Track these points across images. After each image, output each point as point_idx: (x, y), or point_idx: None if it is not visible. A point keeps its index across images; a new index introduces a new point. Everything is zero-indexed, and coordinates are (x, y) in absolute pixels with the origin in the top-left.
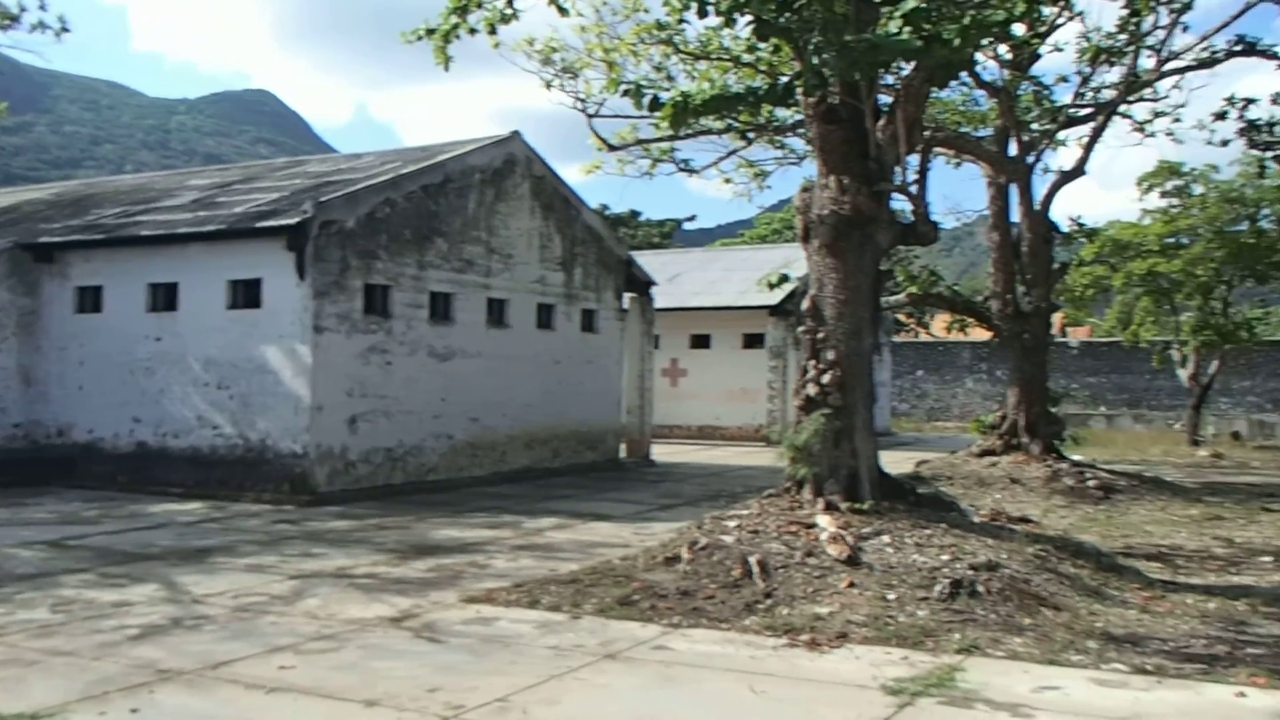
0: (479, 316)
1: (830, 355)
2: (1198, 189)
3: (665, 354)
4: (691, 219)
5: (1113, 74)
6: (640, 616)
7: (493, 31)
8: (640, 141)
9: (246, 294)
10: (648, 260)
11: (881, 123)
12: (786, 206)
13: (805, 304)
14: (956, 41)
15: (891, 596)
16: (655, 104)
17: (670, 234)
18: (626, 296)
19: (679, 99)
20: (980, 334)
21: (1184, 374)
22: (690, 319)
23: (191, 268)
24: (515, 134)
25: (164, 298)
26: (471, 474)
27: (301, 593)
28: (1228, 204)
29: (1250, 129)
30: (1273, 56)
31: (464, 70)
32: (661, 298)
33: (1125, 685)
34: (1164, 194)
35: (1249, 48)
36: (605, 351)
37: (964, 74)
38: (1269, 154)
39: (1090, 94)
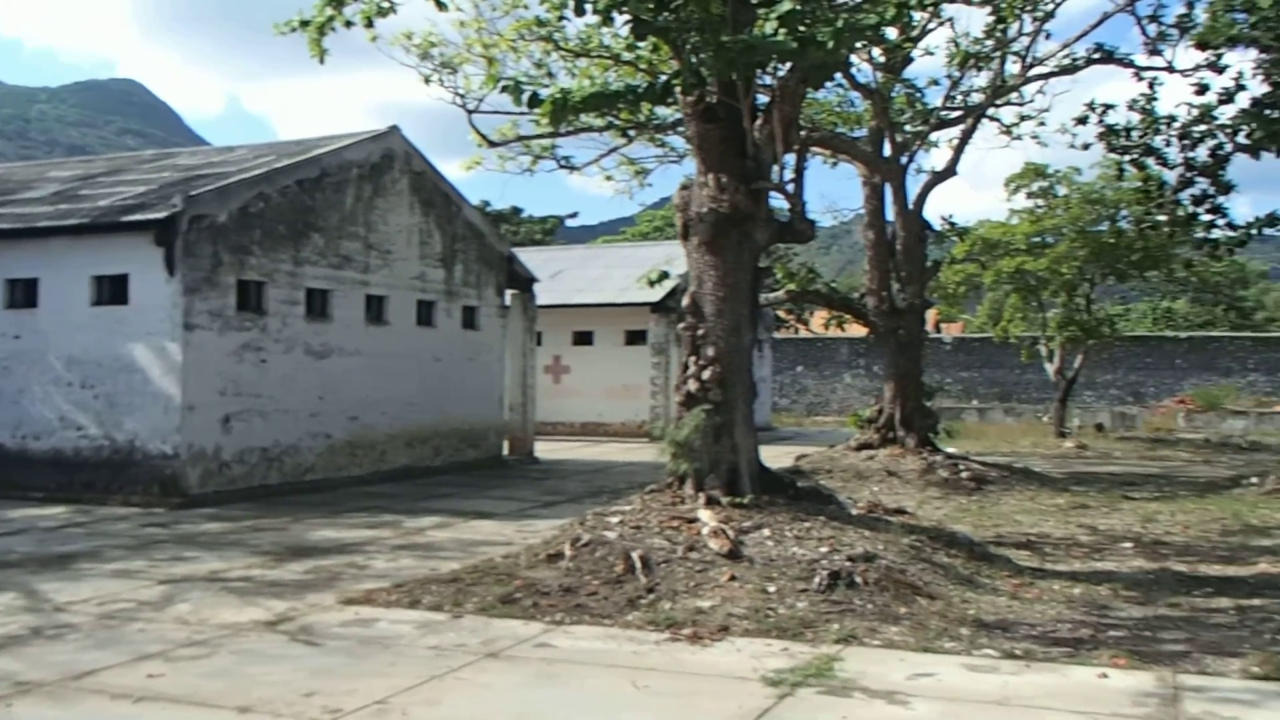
0: (357, 313)
1: (710, 351)
2: (1062, 190)
3: (548, 351)
4: (574, 216)
5: (981, 78)
6: (523, 614)
7: (370, 25)
8: (521, 138)
9: (112, 290)
10: (530, 257)
11: (759, 122)
12: (668, 204)
13: (685, 301)
14: (830, 44)
15: (772, 589)
16: (534, 101)
17: (553, 231)
18: (508, 293)
19: (558, 96)
20: (858, 330)
21: (1051, 368)
22: (573, 316)
23: (53, 263)
24: (394, 129)
25: (23, 294)
26: (350, 473)
27: (172, 598)
28: (1089, 205)
29: (1109, 133)
30: (1129, 64)
31: (341, 64)
32: (544, 294)
33: (996, 670)
34: (1030, 195)
35: (1107, 56)
36: (487, 348)
37: (839, 76)
38: (1126, 158)
39: (960, 97)
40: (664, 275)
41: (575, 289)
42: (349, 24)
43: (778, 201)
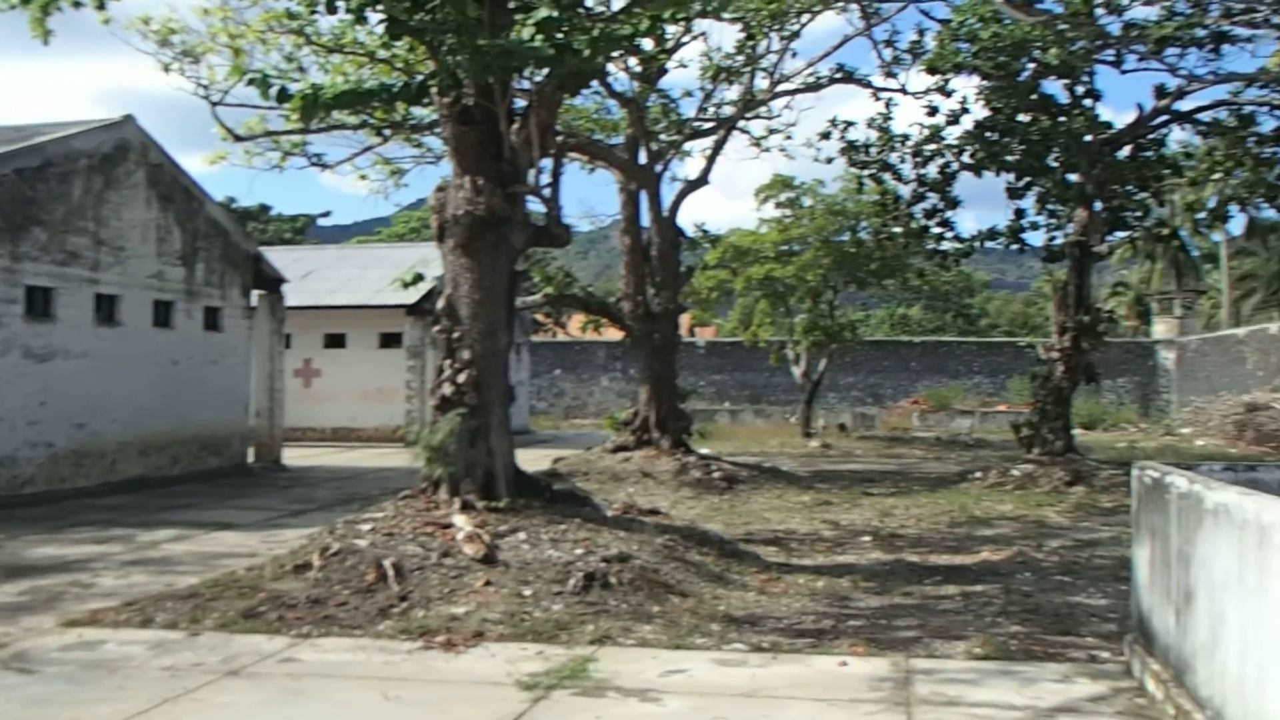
0: (85, 313)
1: (466, 355)
2: (807, 201)
3: (298, 354)
4: (326, 215)
5: (732, 92)
6: (267, 629)
7: (101, 6)
8: (269, 133)
9: None
10: (279, 256)
11: (516, 126)
12: (425, 205)
13: (440, 303)
14: (587, 52)
15: (527, 592)
16: (283, 95)
17: (304, 230)
18: (255, 294)
19: (308, 92)
20: (614, 334)
21: (797, 371)
22: (325, 318)
23: None
24: (129, 118)
25: None
26: (76, 485)
27: None
28: (833, 216)
29: (850, 149)
30: (867, 85)
31: (68, 46)
32: (294, 295)
33: (744, 663)
34: (778, 205)
35: (848, 76)
36: (231, 351)
37: (596, 83)
38: (865, 172)
39: (712, 109)
40: (419, 277)
41: (328, 290)
42: (77, 4)
43: (535, 205)
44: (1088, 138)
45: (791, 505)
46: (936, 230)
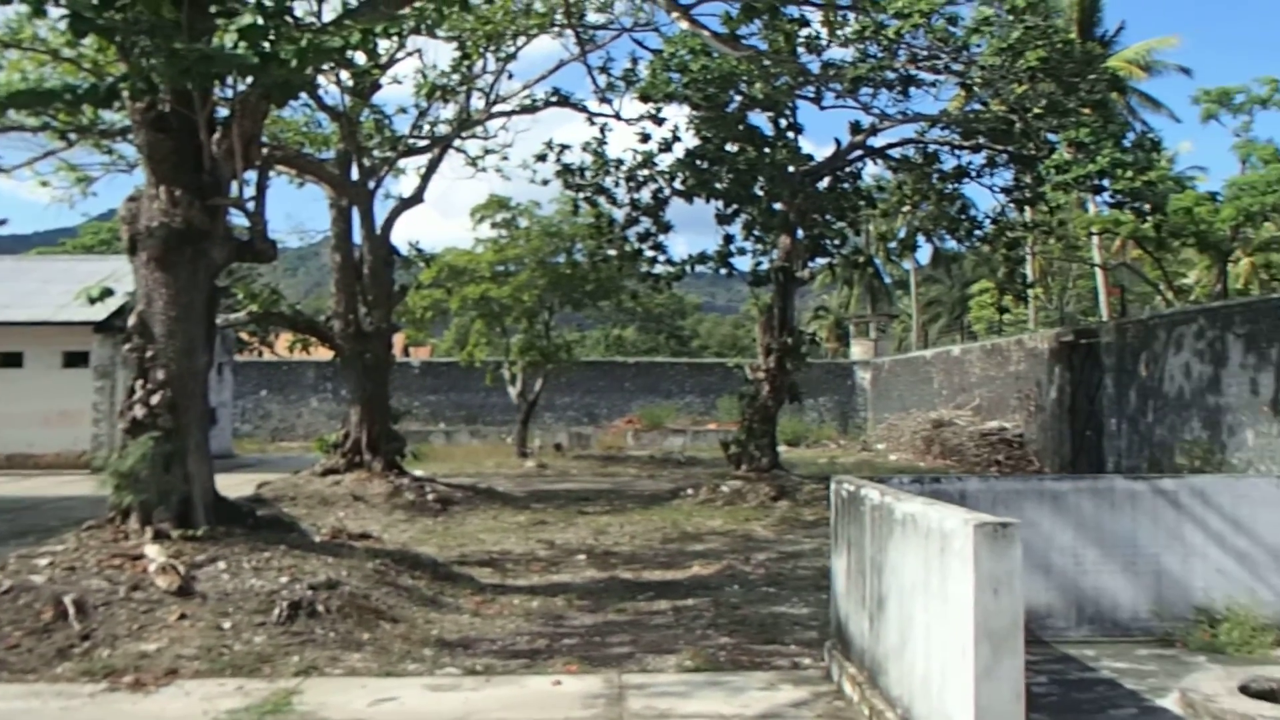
0: None
1: (160, 375)
2: (524, 222)
3: None
4: (3, 223)
5: (448, 111)
6: None
7: None
8: None
9: None
10: None
11: (217, 136)
12: (117, 215)
13: (132, 320)
14: (294, 62)
15: (227, 625)
16: None
17: None
18: None
19: None
20: (325, 353)
21: (514, 391)
22: None
23: None
24: None
25: None
26: None
27: None
28: (549, 237)
29: (566, 171)
30: (583, 109)
31: None
32: None
33: (458, 687)
34: (494, 225)
35: (563, 100)
36: None
37: (306, 95)
38: (581, 195)
39: (428, 127)
40: (107, 292)
41: (2, 305)
42: None
43: (238, 219)
44: (790, 169)
45: (507, 526)
46: (649, 253)
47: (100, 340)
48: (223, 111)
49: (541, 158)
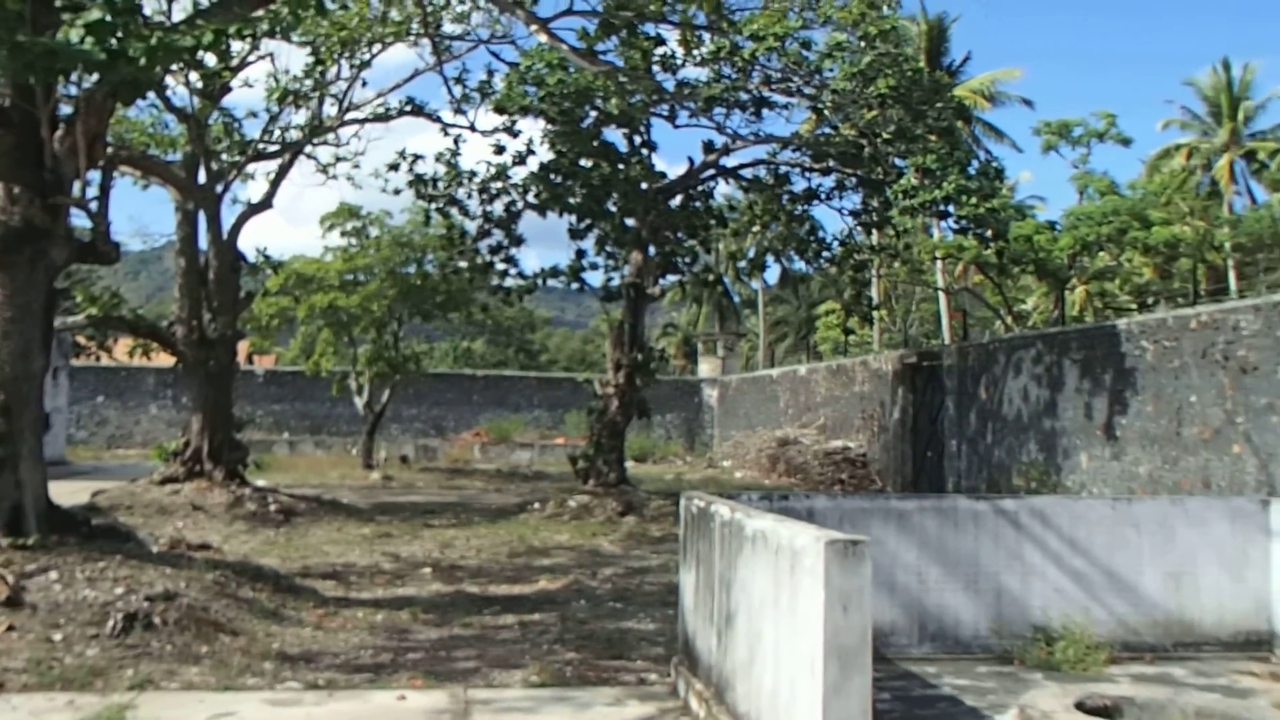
0: None
1: None
2: (374, 231)
3: None
4: None
5: (300, 116)
6: None
7: None
8: None
9: None
10: None
11: (60, 133)
12: None
13: None
14: (143, 60)
15: (58, 637)
16: None
17: None
18: None
19: None
20: (166, 360)
21: (360, 402)
22: None
23: None
24: None
25: None
26: None
27: None
28: (399, 247)
29: (418, 182)
30: (436, 119)
31: None
32: None
33: (299, 702)
34: (344, 234)
35: (417, 110)
36: None
37: (154, 95)
38: (433, 206)
39: (279, 132)
40: None
41: None
42: None
43: (80, 220)
44: (644, 185)
45: (351, 538)
46: (501, 266)
47: None
48: (66, 109)
49: (394, 167)
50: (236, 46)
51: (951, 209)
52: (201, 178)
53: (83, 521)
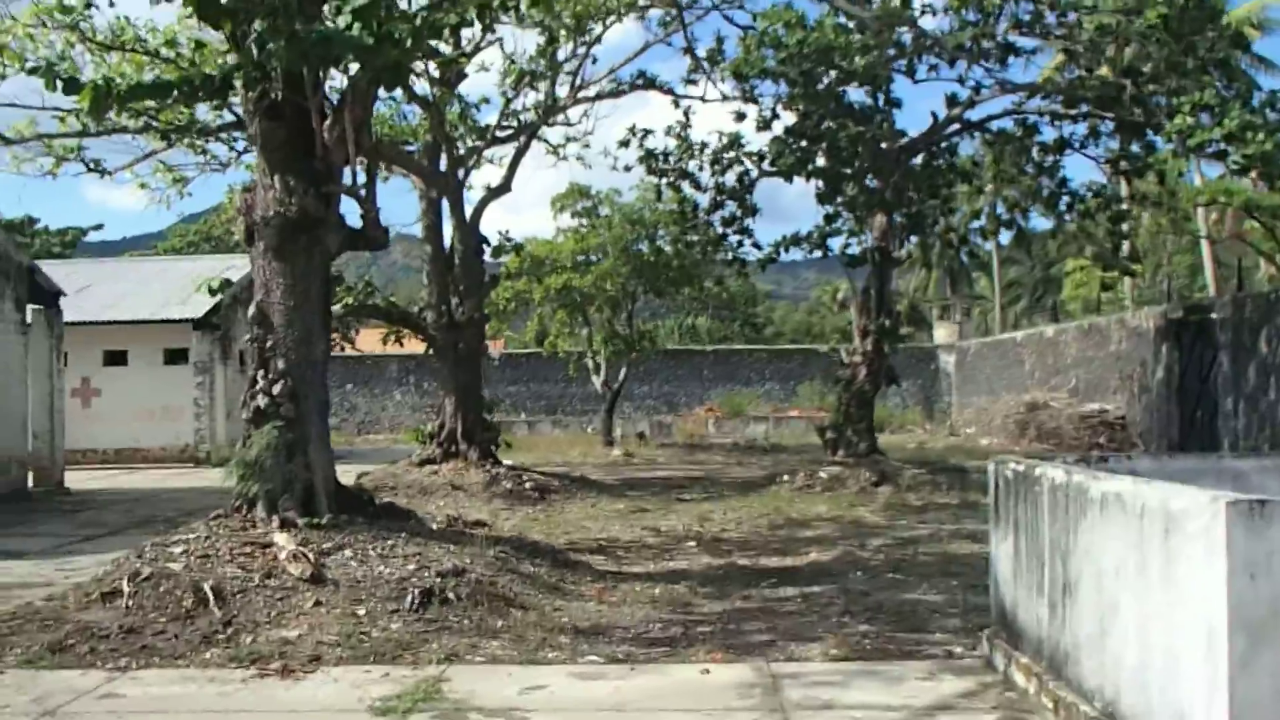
0: None
1: (280, 364)
2: (605, 210)
3: (75, 373)
4: (99, 228)
5: (532, 98)
6: (79, 663)
7: None
8: (41, 136)
9: None
10: (51, 271)
11: (328, 123)
12: (203, 218)
13: (251, 311)
14: (409, 41)
15: (362, 612)
16: (72, 86)
17: (74, 244)
18: (30, 309)
19: (100, 83)
20: (408, 348)
21: (598, 381)
22: (103, 334)
23: None
24: None
25: None
26: None
27: None
28: (631, 224)
29: (649, 157)
30: (669, 92)
31: None
32: (70, 311)
33: (604, 676)
34: (575, 214)
35: (649, 83)
36: (5, 369)
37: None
38: (664, 180)
39: (514, 115)
40: (226, 283)
41: (105, 305)
42: None
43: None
44: (883, 145)
45: (608, 513)
46: (735, 238)
47: (199, 337)
48: (329, 99)
49: (624, 143)
50: (469, 33)
51: (1232, 149)
52: (442, 165)
53: (368, 501)
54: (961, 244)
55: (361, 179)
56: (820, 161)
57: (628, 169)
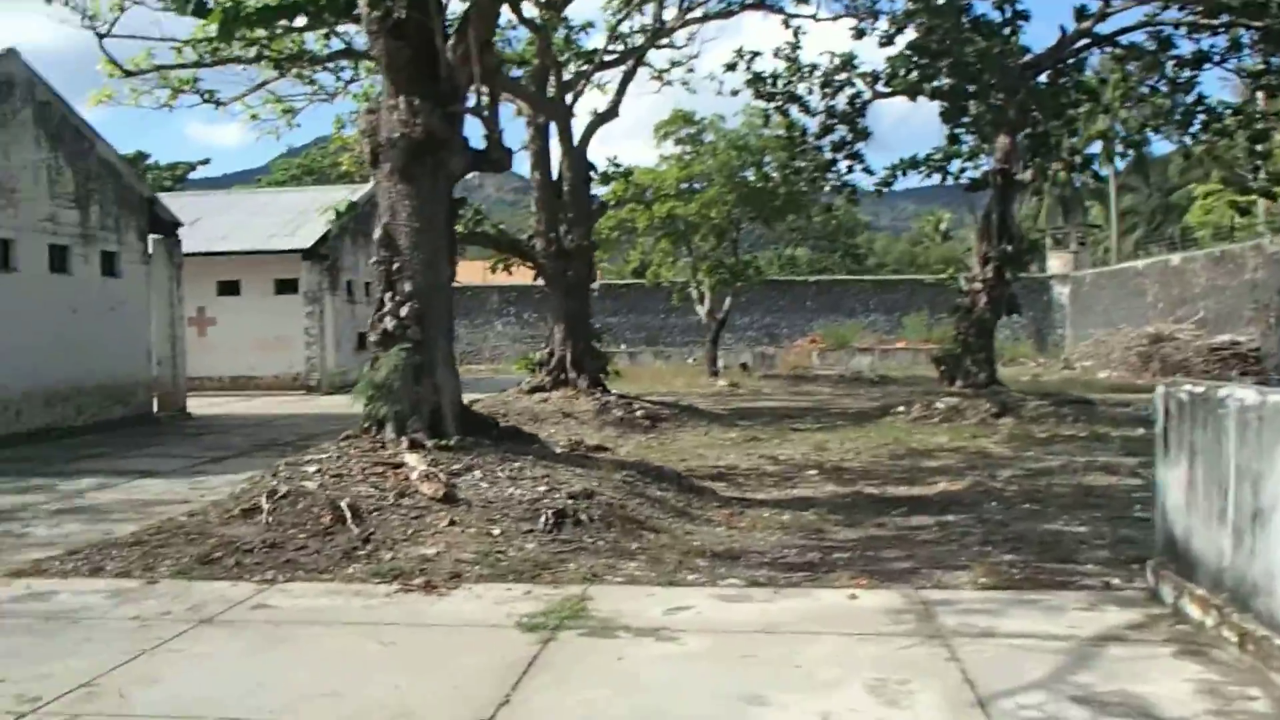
0: None
1: (407, 287)
2: (709, 137)
3: (191, 302)
4: (206, 162)
5: (639, 20)
6: (227, 575)
7: None
8: (159, 68)
9: None
10: (165, 203)
11: (451, 42)
12: (306, 151)
13: (377, 233)
14: None
15: (497, 531)
16: (201, 9)
17: (182, 178)
18: (151, 239)
19: (229, 4)
20: (507, 279)
21: (702, 310)
22: (217, 265)
23: None
24: (12, 51)
25: None
26: None
27: None
28: (737, 151)
29: (757, 80)
30: (780, 11)
31: None
32: (184, 242)
33: (748, 599)
34: (679, 141)
35: (759, 3)
36: (130, 297)
37: (506, 9)
38: (772, 104)
39: (621, 39)
40: (353, 206)
41: (218, 236)
42: None
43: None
44: (1011, 61)
45: (721, 442)
46: (845, 163)
47: (308, 267)
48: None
49: (731, 66)
50: None
51: None
52: (549, 91)
53: (493, 424)
54: (1083, 167)
55: (485, 100)
56: (944, 80)
57: (734, 94)
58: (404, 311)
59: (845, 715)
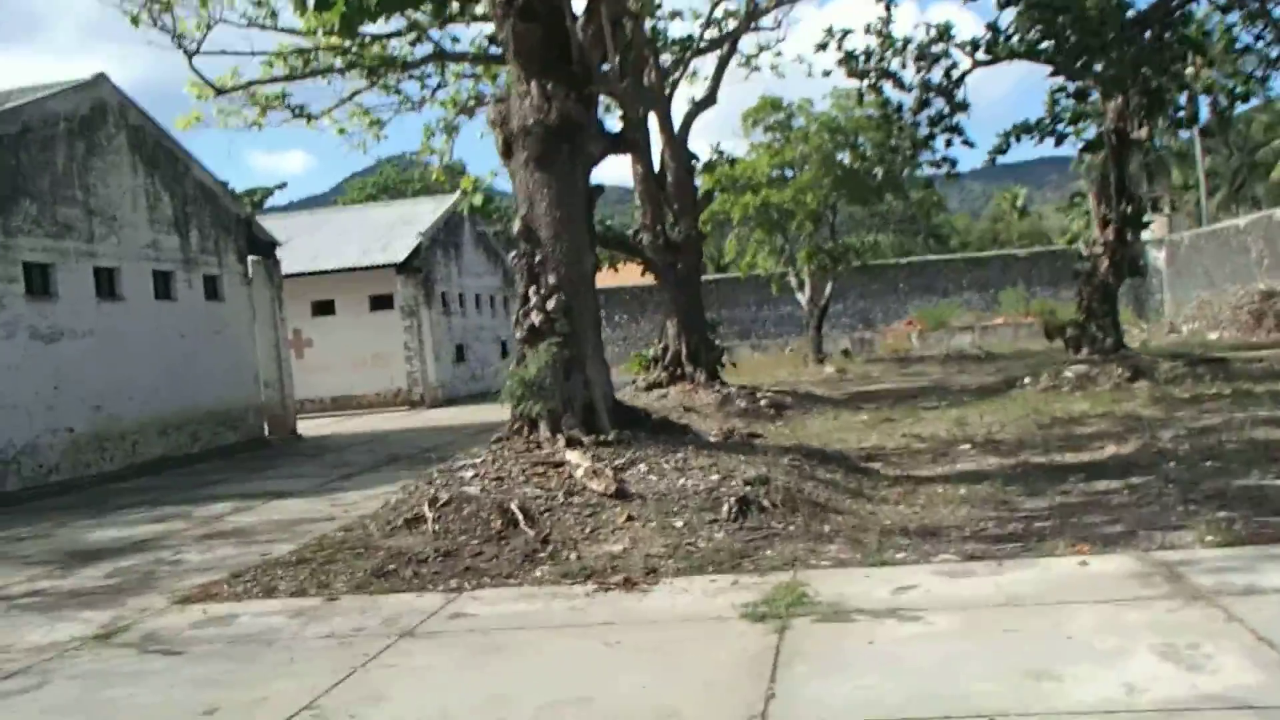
0: (86, 289)
1: (552, 279)
2: (799, 121)
3: (286, 324)
4: (283, 187)
5: (730, 4)
6: (407, 586)
7: None
8: (252, 83)
9: None
10: None
11: (582, 21)
12: (379, 169)
13: (517, 226)
14: None
15: (679, 524)
16: (324, 3)
17: (261, 203)
18: (250, 260)
19: None
20: (618, 278)
21: (803, 298)
22: (310, 285)
23: None
24: (102, 76)
25: None
26: (100, 470)
27: None
28: (830, 133)
29: (849, 59)
30: None
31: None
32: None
33: (971, 573)
34: (768, 128)
35: None
36: (234, 320)
37: None
38: (865, 82)
39: (714, 24)
40: (487, 200)
41: (310, 256)
42: None
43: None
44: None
45: (854, 425)
46: (943, 137)
47: (403, 281)
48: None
49: (823, 46)
50: None
51: None
52: (646, 80)
53: (645, 417)
54: (1193, 122)
55: (620, 80)
56: (1068, 35)
57: (826, 74)
58: (550, 305)
59: (1151, 685)
